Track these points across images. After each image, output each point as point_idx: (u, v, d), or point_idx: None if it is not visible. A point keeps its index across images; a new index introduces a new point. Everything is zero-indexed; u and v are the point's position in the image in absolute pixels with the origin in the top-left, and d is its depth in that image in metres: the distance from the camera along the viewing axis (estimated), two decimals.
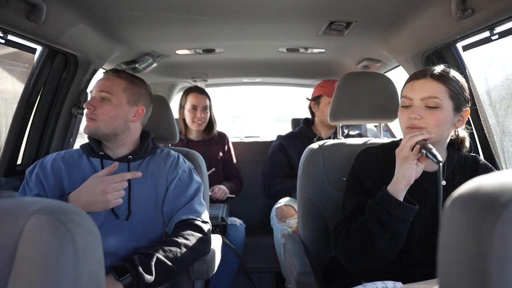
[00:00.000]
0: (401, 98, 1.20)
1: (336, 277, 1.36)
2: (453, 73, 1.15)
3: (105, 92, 1.31)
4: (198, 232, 1.31)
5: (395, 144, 1.29)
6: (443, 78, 1.12)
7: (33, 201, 0.56)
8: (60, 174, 1.31)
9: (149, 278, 1.12)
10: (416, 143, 1.07)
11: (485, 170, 1.24)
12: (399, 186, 1.09)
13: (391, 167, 1.16)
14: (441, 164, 1.01)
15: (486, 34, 1.29)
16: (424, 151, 1.04)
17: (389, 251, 1.10)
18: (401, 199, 1.09)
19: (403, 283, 1.10)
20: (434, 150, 1.03)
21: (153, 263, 1.14)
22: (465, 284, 0.38)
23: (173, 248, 1.21)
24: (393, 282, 1.11)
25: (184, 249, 1.23)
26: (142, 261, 1.13)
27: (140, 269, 1.11)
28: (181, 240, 1.24)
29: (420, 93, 1.12)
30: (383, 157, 1.25)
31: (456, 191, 0.45)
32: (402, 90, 1.21)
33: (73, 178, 1.30)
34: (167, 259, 1.18)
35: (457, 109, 1.13)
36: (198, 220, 1.34)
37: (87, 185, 1.18)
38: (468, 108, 1.17)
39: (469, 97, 1.17)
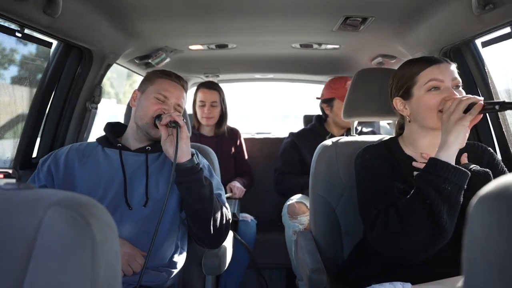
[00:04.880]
0: (420, 84, 1.15)
1: (348, 277, 1.35)
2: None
3: (180, 106, 1.38)
4: (225, 218, 1.35)
5: (392, 140, 1.28)
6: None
7: (51, 193, 0.56)
8: (72, 166, 1.32)
9: (205, 181, 1.26)
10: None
11: (491, 156, 1.24)
12: (451, 151, 1.04)
13: (397, 157, 1.19)
14: (497, 107, 1.01)
15: (507, 30, 1.26)
16: (495, 106, 1.02)
17: (450, 224, 1.02)
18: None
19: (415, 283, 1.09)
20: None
21: (208, 184, 1.28)
22: (494, 284, 0.37)
23: (218, 205, 1.33)
24: (401, 283, 1.10)
25: (219, 213, 1.31)
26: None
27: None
28: (223, 208, 1.36)
29: (450, 74, 1.14)
30: (386, 150, 1.23)
31: (483, 189, 0.44)
32: (416, 76, 1.16)
33: (87, 168, 1.32)
34: (213, 204, 1.28)
35: None
36: (226, 208, 1.38)
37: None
38: None
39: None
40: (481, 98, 1.05)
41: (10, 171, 1.56)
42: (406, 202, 1.05)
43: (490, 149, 1.26)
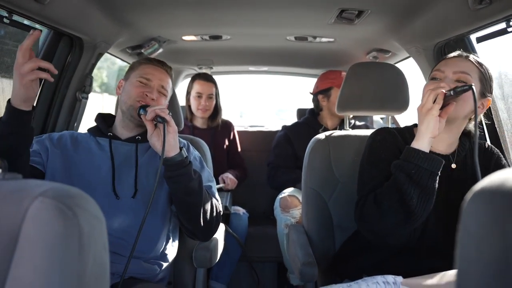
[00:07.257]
0: (430, 79, 1.21)
1: (339, 270, 1.35)
2: (484, 61, 1.19)
3: (164, 89, 1.37)
4: (215, 210, 1.33)
5: (408, 128, 1.29)
6: (476, 60, 1.16)
7: (38, 183, 0.54)
8: (66, 146, 1.32)
9: (194, 175, 1.24)
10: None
11: (498, 159, 1.25)
12: (423, 140, 1.09)
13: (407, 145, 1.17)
14: (474, 87, 1.04)
15: (502, 25, 1.25)
16: (451, 92, 1.07)
17: (421, 208, 1.08)
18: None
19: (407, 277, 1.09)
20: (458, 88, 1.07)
21: (197, 177, 1.25)
22: (488, 281, 0.37)
23: (208, 197, 1.31)
24: (393, 276, 1.10)
25: (209, 206, 1.29)
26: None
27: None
28: (213, 200, 1.34)
29: (454, 67, 1.15)
30: (399, 136, 1.25)
31: (478, 184, 0.43)
32: (431, 72, 1.22)
33: (79, 152, 1.31)
34: (202, 196, 1.26)
35: (482, 94, 1.15)
36: (216, 200, 1.36)
37: None
38: (490, 98, 1.18)
39: (492, 88, 1.19)
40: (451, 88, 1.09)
41: None
42: (383, 188, 1.12)
43: (499, 151, 1.27)
